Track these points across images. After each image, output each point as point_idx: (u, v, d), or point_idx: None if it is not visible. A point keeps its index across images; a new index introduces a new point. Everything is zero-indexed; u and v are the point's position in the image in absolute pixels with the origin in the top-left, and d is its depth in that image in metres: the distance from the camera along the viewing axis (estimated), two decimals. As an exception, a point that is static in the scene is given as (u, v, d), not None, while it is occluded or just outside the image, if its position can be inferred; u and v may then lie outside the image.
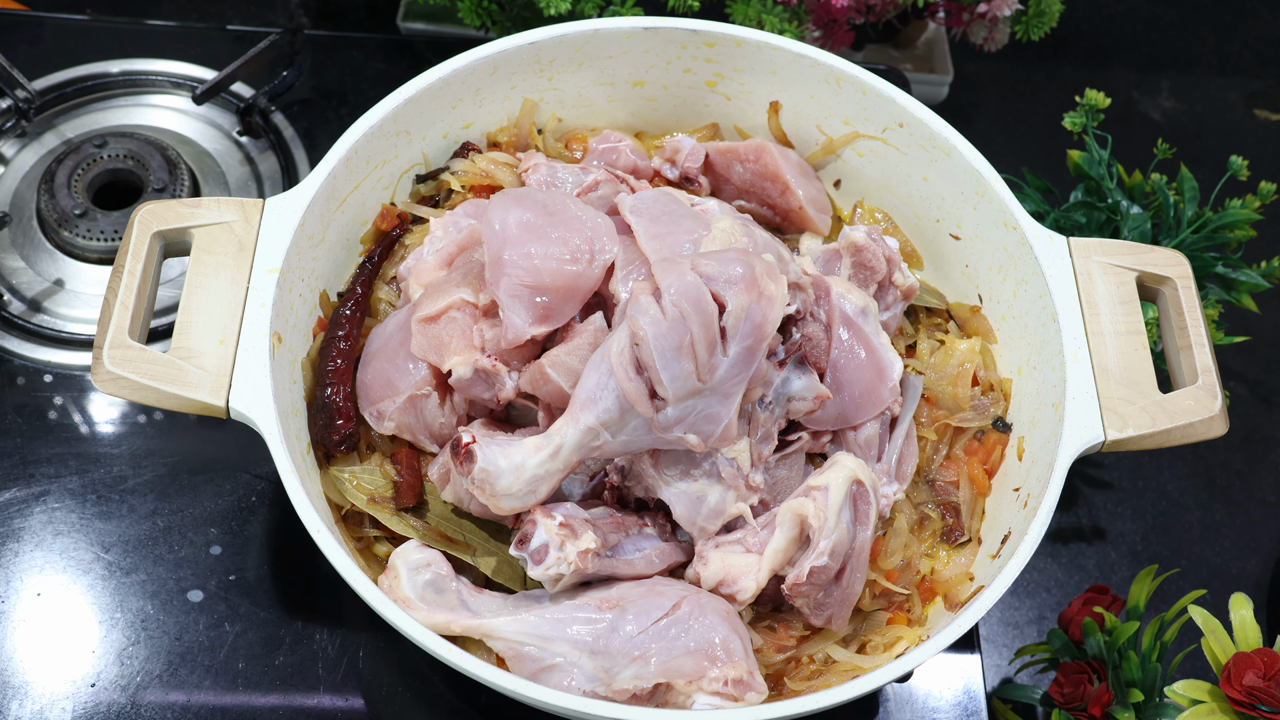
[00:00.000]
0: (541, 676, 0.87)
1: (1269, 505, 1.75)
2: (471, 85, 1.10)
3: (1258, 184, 1.42)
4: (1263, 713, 1.01)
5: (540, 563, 0.88)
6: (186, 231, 0.96)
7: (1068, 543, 1.71)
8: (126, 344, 0.90)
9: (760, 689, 0.86)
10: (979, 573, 0.97)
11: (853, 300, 1.01)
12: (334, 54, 1.50)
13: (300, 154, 1.41)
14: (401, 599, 0.89)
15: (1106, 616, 1.25)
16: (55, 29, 1.49)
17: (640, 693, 0.85)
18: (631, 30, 1.12)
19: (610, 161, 1.14)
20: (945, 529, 1.01)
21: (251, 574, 1.10)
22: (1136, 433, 0.93)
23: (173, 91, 1.45)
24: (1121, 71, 2.20)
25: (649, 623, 0.87)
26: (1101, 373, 0.95)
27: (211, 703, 1.03)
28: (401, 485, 0.97)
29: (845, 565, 0.90)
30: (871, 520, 0.91)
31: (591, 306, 0.96)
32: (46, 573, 1.09)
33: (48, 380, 1.22)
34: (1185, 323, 0.99)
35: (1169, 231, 1.40)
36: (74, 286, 1.29)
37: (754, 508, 0.93)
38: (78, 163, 1.33)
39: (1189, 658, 1.23)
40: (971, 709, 1.06)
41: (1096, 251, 1.01)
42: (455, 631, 0.89)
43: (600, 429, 0.86)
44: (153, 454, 1.17)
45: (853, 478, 0.90)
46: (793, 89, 1.14)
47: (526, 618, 0.89)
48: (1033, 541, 0.89)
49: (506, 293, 0.91)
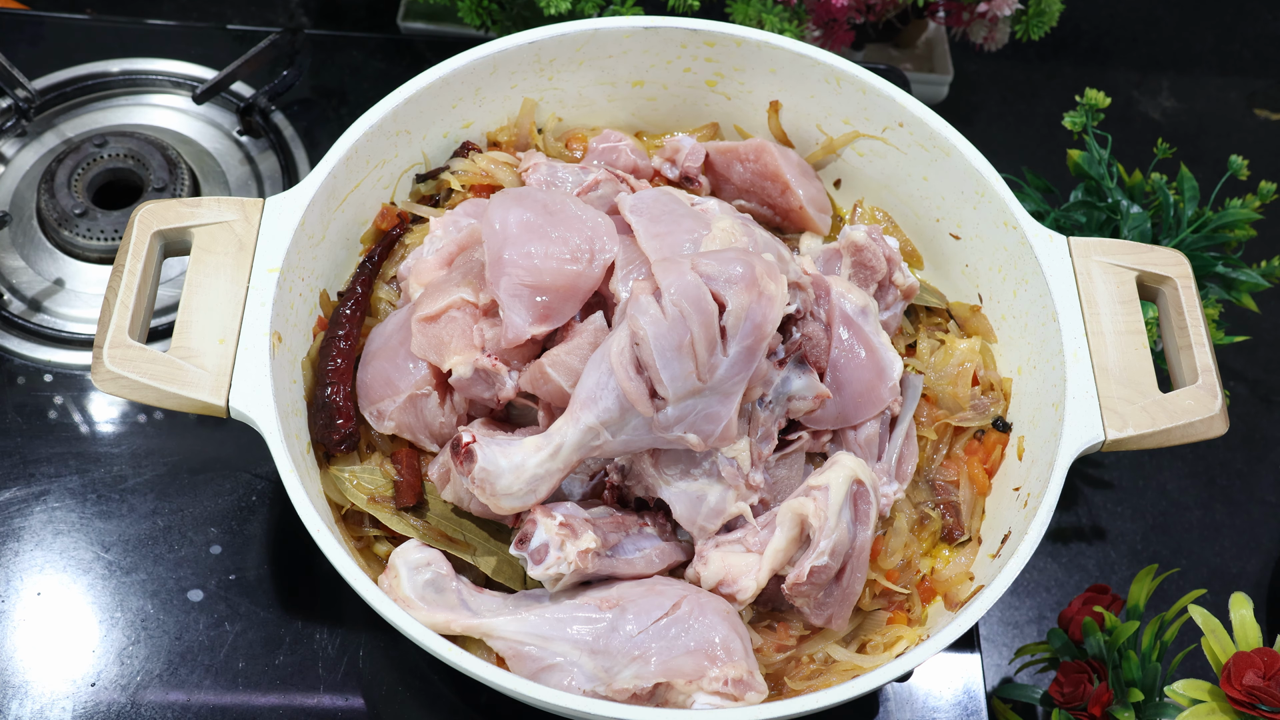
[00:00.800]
0: (541, 676, 0.87)
1: (1269, 505, 1.75)
2: (471, 85, 1.10)
3: (1258, 184, 1.42)
4: (1263, 713, 1.01)
5: (540, 562, 0.88)
6: (187, 231, 0.96)
7: (1068, 542, 1.71)
8: (126, 343, 0.90)
9: (760, 688, 0.86)
10: (979, 572, 0.97)
11: (853, 299, 1.01)
12: (334, 54, 1.50)
13: (300, 153, 1.41)
14: (401, 599, 0.89)
15: (1106, 616, 1.25)
16: (55, 29, 1.49)
17: (640, 692, 0.85)
18: (631, 30, 1.12)
19: (610, 161, 1.14)
20: (945, 528, 1.01)
21: (251, 574, 1.10)
22: (1136, 432, 0.93)
23: (173, 91, 1.45)
24: (1121, 71, 2.20)
25: (649, 622, 0.87)
26: (1101, 372, 0.95)
27: (211, 702, 1.03)
28: (401, 485, 0.97)
29: (845, 565, 0.90)
30: (872, 520, 0.91)
31: (591, 306, 0.96)
32: (46, 572, 1.09)
33: (48, 380, 1.22)
34: (1185, 322, 0.99)
35: (1169, 231, 1.40)
36: (74, 286, 1.29)
37: (754, 507, 0.93)
38: (78, 162, 1.33)
39: (1189, 658, 1.23)
40: (971, 709, 1.06)
41: (1096, 251, 1.01)
42: (455, 631, 0.89)
43: (600, 428, 0.86)
44: (153, 453, 1.17)
45: (853, 477, 0.90)
46: (793, 88, 1.14)
47: (526, 617, 0.89)
48: (1033, 541, 0.89)
49: (506, 292, 0.91)
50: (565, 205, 0.96)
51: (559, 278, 0.91)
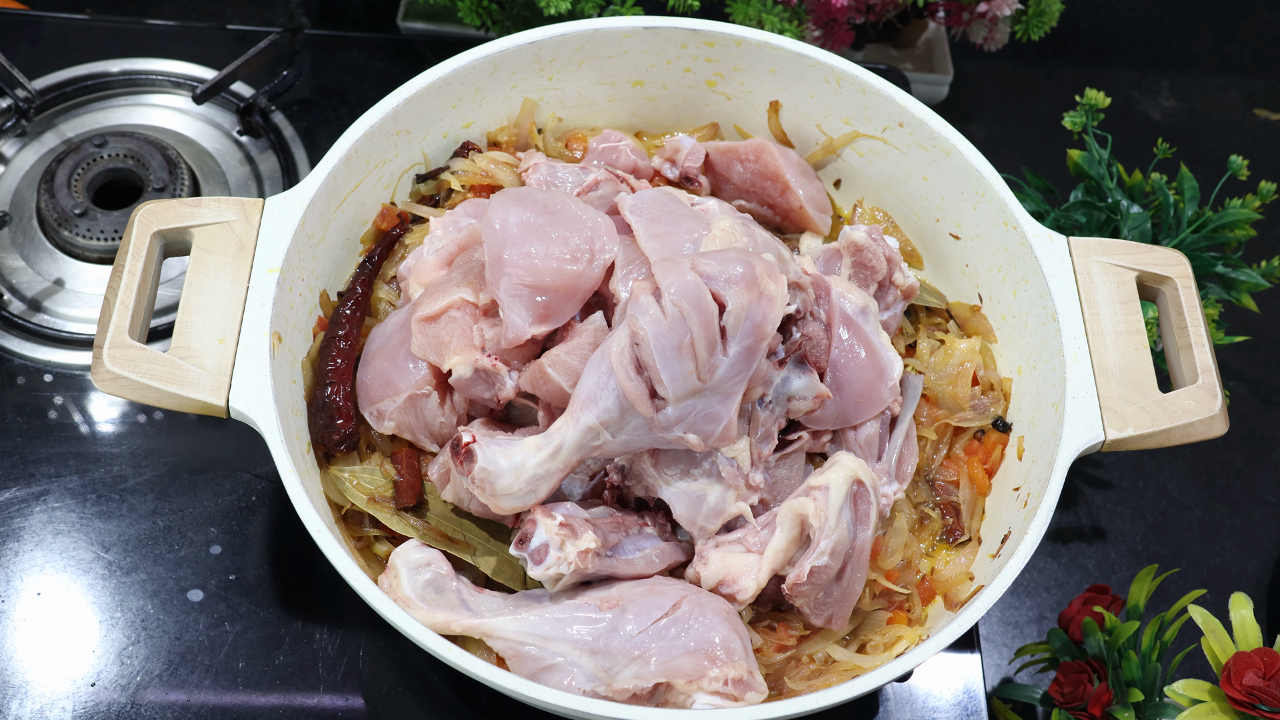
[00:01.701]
0: (541, 676, 0.87)
1: (1269, 505, 1.75)
2: (472, 85, 1.10)
3: (1258, 184, 1.42)
4: (1263, 713, 1.01)
5: (540, 562, 0.88)
6: (187, 231, 0.96)
7: (1068, 542, 1.71)
8: (126, 343, 0.90)
9: (760, 688, 0.86)
10: (979, 572, 0.97)
11: (853, 300, 1.01)
12: (334, 54, 1.50)
13: (300, 153, 1.41)
14: (401, 599, 0.89)
15: (1106, 616, 1.25)
16: (55, 29, 1.49)
17: (640, 692, 0.85)
18: (632, 30, 1.12)
19: (610, 161, 1.14)
20: (945, 529, 1.01)
21: (251, 573, 1.10)
22: (1136, 432, 0.93)
23: (173, 91, 1.45)
24: (1121, 71, 2.20)
25: (649, 622, 0.87)
26: (1101, 372, 0.95)
27: (211, 702, 1.03)
28: (401, 484, 0.97)
29: (845, 565, 0.90)
30: (872, 520, 0.91)
31: (592, 306, 0.96)
32: (46, 572, 1.09)
33: (48, 380, 1.22)
34: (1185, 322, 0.99)
35: (1169, 231, 1.40)
36: (74, 286, 1.29)
37: (754, 507, 0.93)
38: (78, 162, 1.33)
39: (1189, 658, 1.24)
40: (971, 709, 1.06)
41: (1096, 251, 1.01)
42: (455, 631, 0.89)
43: (600, 428, 0.86)
44: (153, 454, 1.17)
45: (853, 477, 0.90)
46: (793, 88, 1.14)
47: (526, 617, 0.89)
48: (1033, 541, 0.89)
49: (507, 292, 0.91)
50: (565, 205, 0.96)
51: (559, 278, 0.91)
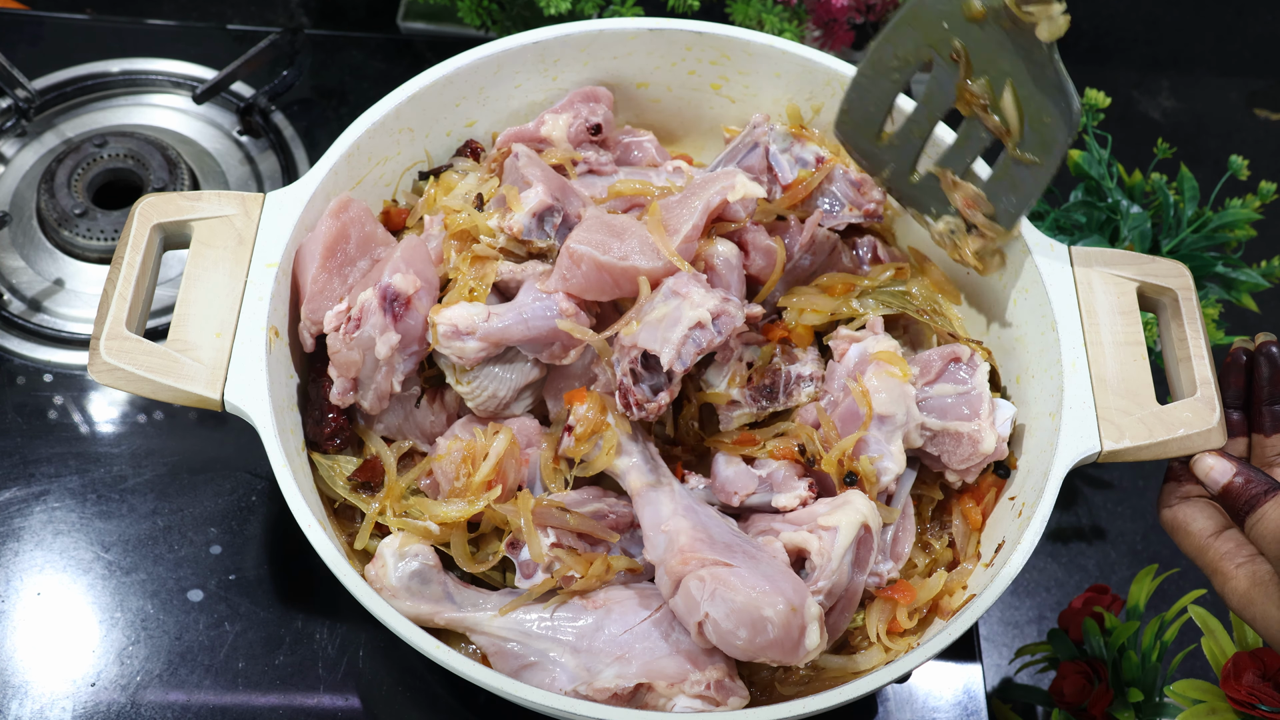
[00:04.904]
0: (523, 674, 0.87)
1: (1269, 505, 1.75)
2: (475, 84, 1.10)
3: (1258, 184, 1.42)
4: (1263, 713, 1.01)
5: (529, 576, 0.89)
6: (186, 224, 0.96)
7: (1068, 543, 1.71)
8: (124, 335, 0.90)
9: (742, 693, 0.86)
10: (972, 581, 0.96)
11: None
12: (334, 54, 1.50)
13: (300, 153, 1.41)
14: (387, 588, 0.89)
15: (1106, 616, 1.26)
16: (55, 29, 1.49)
17: (621, 692, 0.85)
18: (636, 31, 1.11)
19: (633, 159, 1.13)
20: (946, 564, 0.99)
21: (251, 573, 1.10)
22: (1133, 444, 0.91)
23: (173, 91, 1.45)
24: (1121, 71, 2.20)
25: (634, 623, 0.87)
26: (1099, 383, 0.94)
27: (211, 702, 1.03)
28: (367, 463, 0.97)
29: (835, 605, 0.89)
30: (869, 566, 0.90)
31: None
32: (46, 572, 1.09)
33: (48, 380, 1.22)
34: (1185, 334, 0.97)
35: (1169, 231, 1.40)
36: (74, 286, 1.29)
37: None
38: (78, 162, 1.33)
39: (1189, 658, 1.24)
40: (971, 709, 1.06)
41: (1098, 261, 0.99)
42: (439, 624, 0.89)
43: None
44: (153, 453, 1.17)
45: (862, 522, 0.88)
46: (798, 92, 1.14)
47: (511, 614, 0.89)
48: (1025, 551, 0.88)
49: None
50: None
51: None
